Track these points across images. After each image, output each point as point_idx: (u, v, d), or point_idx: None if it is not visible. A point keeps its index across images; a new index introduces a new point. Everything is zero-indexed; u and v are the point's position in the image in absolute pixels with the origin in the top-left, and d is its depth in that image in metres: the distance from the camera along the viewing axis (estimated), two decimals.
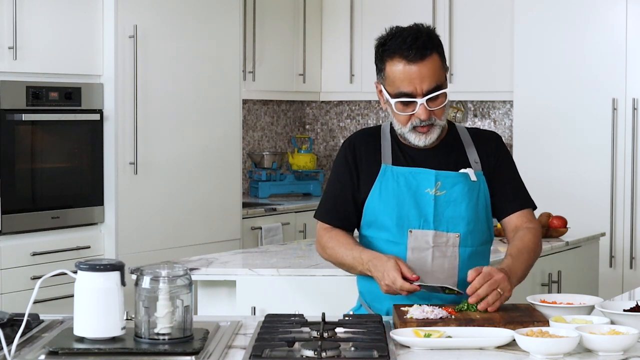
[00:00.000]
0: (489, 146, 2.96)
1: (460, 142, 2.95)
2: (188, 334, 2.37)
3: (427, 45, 2.80)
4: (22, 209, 4.86)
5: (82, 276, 2.35)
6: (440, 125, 2.86)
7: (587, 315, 2.60)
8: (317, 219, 3.02)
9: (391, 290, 2.72)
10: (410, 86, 2.79)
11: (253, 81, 6.37)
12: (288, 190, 6.70)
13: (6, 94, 4.76)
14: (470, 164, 2.91)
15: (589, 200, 5.84)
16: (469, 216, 2.88)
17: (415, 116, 2.82)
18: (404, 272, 2.71)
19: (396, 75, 2.81)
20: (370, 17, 6.76)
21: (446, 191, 2.87)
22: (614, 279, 5.81)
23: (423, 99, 2.79)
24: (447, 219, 2.87)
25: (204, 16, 5.66)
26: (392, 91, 2.83)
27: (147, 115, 5.34)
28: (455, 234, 2.87)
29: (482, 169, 2.92)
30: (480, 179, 2.91)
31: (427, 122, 2.83)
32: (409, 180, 2.88)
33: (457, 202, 2.87)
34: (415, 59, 2.78)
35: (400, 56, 2.79)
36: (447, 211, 2.87)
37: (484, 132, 3.05)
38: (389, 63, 2.82)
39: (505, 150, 3.00)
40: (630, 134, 5.76)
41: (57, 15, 4.98)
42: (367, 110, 7.22)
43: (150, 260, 5.02)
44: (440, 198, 2.87)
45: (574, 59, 5.88)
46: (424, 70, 2.79)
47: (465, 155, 2.93)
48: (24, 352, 2.29)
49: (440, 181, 2.87)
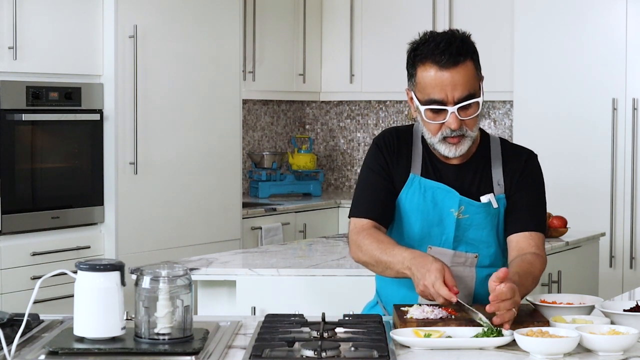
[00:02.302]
0: (517, 165, 2.85)
1: (488, 159, 2.85)
2: (188, 334, 2.37)
3: (461, 51, 2.70)
4: (22, 209, 4.86)
5: (82, 276, 2.35)
6: (471, 137, 2.76)
7: (587, 315, 2.60)
8: (353, 216, 2.86)
9: (427, 292, 2.59)
10: (441, 93, 2.69)
11: (253, 81, 6.37)
12: (288, 190, 6.70)
13: (6, 94, 4.76)
14: (492, 186, 2.82)
15: (589, 200, 5.84)
16: (489, 240, 2.82)
17: (445, 125, 2.72)
18: (447, 279, 2.57)
19: (427, 82, 2.70)
20: (370, 17, 6.76)
21: (469, 215, 2.80)
22: (614, 279, 5.81)
23: (454, 107, 2.69)
24: (467, 240, 2.82)
25: (204, 16, 5.66)
26: (422, 98, 2.73)
27: (147, 115, 5.34)
28: (474, 254, 2.82)
29: (505, 190, 2.83)
30: (500, 203, 2.82)
31: (457, 133, 2.72)
32: (436, 196, 2.81)
33: (479, 227, 2.81)
34: (447, 65, 2.68)
35: (432, 61, 2.69)
36: (469, 234, 2.81)
37: (517, 148, 2.91)
38: (421, 68, 2.72)
39: (533, 171, 2.86)
40: (630, 134, 5.76)
41: (57, 15, 4.98)
42: (367, 110, 7.22)
43: (150, 260, 5.03)
44: (462, 221, 2.80)
45: (574, 59, 5.88)
46: (457, 77, 2.68)
47: (491, 175, 2.83)
48: (24, 352, 2.29)
49: (464, 206, 2.80)
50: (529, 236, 2.82)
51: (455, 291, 2.55)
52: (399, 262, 2.69)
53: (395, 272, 2.72)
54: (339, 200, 6.61)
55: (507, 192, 2.84)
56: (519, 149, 2.92)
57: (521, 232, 2.82)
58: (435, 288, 2.55)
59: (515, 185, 2.84)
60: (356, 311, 2.73)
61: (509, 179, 2.84)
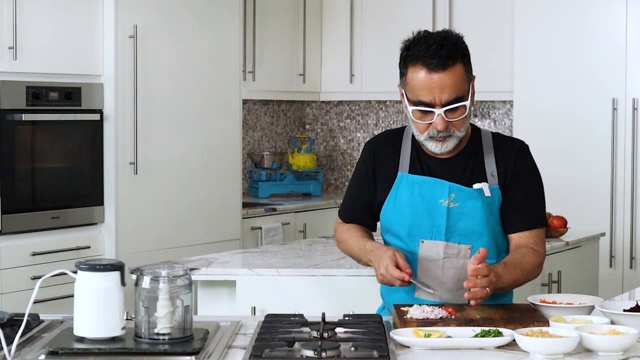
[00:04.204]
0: (509, 157, 2.87)
1: (480, 151, 2.88)
2: (188, 334, 2.37)
3: (452, 54, 2.73)
4: (22, 209, 4.86)
5: (82, 276, 2.35)
6: (458, 137, 2.80)
7: (587, 315, 2.60)
8: (339, 216, 3.10)
9: (385, 280, 2.75)
10: (429, 95, 2.73)
11: (253, 81, 6.37)
12: (288, 190, 6.70)
13: (6, 94, 4.76)
14: (486, 177, 2.85)
15: (589, 200, 5.84)
16: (481, 230, 2.84)
17: (432, 126, 2.77)
18: (399, 263, 2.73)
19: (416, 83, 2.75)
20: (370, 17, 6.76)
21: (459, 203, 2.83)
22: (614, 279, 5.81)
23: (441, 110, 2.73)
24: (459, 231, 2.84)
25: (204, 16, 5.66)
26: (412, 98, 2.78)
27: (147, 115, 5.34)
28: (467, 245, 2.84)
29: (499, 182, 2.85)
30: (495, 193, 2.85)
31: (444, 133, 2.77)
32: (423, 190, 2.85)
33: (470, 216, 2.83)
34: (436, 68, 2.71)
35: (422, 63, 2.73)
36: (460, 223, 2.84)
37: (508, 140, 2.95)
38: (411, 69, 2.76)
39: (526, 162, 2.89)
40: (630, 134, 5.76)
41: (57, 15, 4.98)
42: (367, 110, 7.22)
43: (150, 260, 5.03)
44: (453, 210, 2.83)
45: (574, 59, 5.88)
46: (445, 80, 2.72)
47: (484, 167, 2.86)
48: (24, 352, 2.29)
49: (454, 193, 2.83)
50: (527, 235, 2.87)
51: (408, 272, 2.72)
52: (364, 254, 2.91)
53: (364, 262, 2.95)
54: (339, 200, 6.58)
55: (501, 184, 2.86)
56: (509, 139, 2.95)
57: (520, 232, 2.87)
58: (389, 271, 2.72)
59: (509, 179, 2.86)
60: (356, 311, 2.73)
61: (502, 169, 2.87)
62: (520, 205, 2.86)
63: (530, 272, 2.82)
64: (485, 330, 2.44)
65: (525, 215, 2.87)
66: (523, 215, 2.87)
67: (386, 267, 2.73)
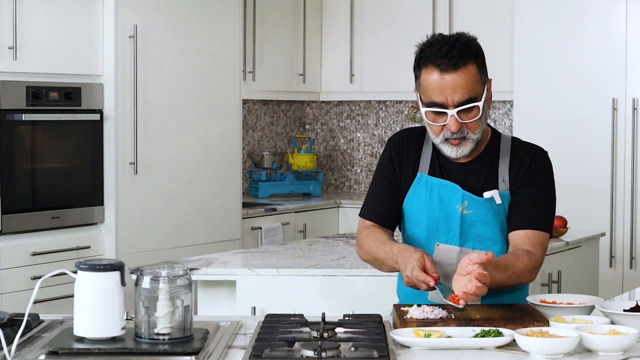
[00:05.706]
0: (523, 161, 2.86)
1: (497, 156, 2.88)
2: (188, 334, 2.37)
3: (463, 55, 2.74)
4: (22, 209, 4.86)
5: (82, 276, 2.35)
6: (473, 139, 2.80)
7: (587, 315, 2.60)
8: (361, 216, 2.99)
9: (411, 283, 2.68)
10: (441, 96, 2.74)
11: (253, 81, 6.37)
12: (288, 190, 6.70)
13: (6, 94, 4.76)
14: (497, 183, 2.84)
15: (589, 200, 5.84)
16: (495, 237, 2.84)
17: (446, 127, 2.77)
18: (427, 266, 2.67)
19: (429, 84, 2.76)
20: (370, 17, 6.76)
21: (473, 211, 2.83)
22: (614, 279, 5.81)
23: (454, 111, 2.74)
24: (474, 237, 2.84)
25: (204, 16, 5.66)
26: (425, 100, 2.79)
27: (147, 115, 5.34)
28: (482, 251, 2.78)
29: (510, 187, 2.85)
30: (505, 200, 2.84)
31: (458, 135, 2.77)
32: (441, 193, 2.86)
33: (483, 223, 2.83)
34: (448, 69, 2.73)
35: (434, 65, 2.74)
36: (474, 230, 2.84)
37: (527, 145, 2.92)
38: (424, 71, 2.77)
39: (540, 165, 2.88)
40: (630, 134, 5.75)
41: (57, 15, 4.98)
42: (367, 110, 7.22)
43: (150, 260, 5.03)
44: (467, 217, 2.83)
45: (574, 59, 5.87)
46: (457, 80, 2.73)
47: (497, 173, 2.86)
48: (24, 352, 2.29)
49: (467, 201, 2.83)
50: (524, 234, 2.84)
51: (435, 277, 2.64)
52: (390, 257, 2.80)
53: (388, 267, 2.85)
54: (339, 200, 6.61)
55: (511, 189, 2.86)
56: (528, 145, 2.92)
57: (518, 231, 2.85)
58: (414, 274, 2.65)
59: (519, 181, 2.86)
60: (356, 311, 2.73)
61: (514, 175, 2.86)
62: (524, 205, 2.85)
63: (521, 274, 2.77)
64: (485, 330, 2.43)
65: (526, 215, 2.85)
66: (525, 214, 2.85)
67: (412, 269, 2.67)
